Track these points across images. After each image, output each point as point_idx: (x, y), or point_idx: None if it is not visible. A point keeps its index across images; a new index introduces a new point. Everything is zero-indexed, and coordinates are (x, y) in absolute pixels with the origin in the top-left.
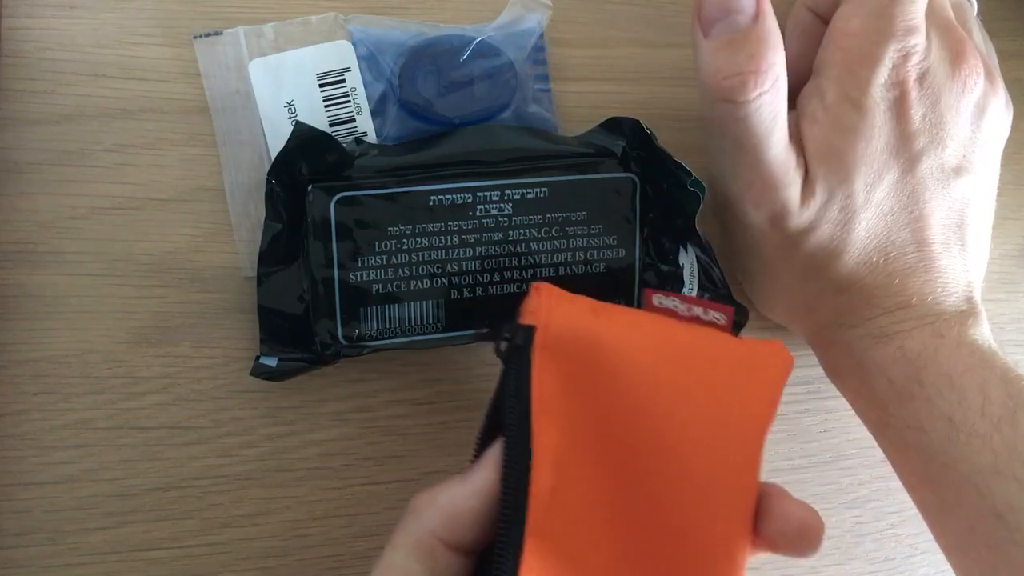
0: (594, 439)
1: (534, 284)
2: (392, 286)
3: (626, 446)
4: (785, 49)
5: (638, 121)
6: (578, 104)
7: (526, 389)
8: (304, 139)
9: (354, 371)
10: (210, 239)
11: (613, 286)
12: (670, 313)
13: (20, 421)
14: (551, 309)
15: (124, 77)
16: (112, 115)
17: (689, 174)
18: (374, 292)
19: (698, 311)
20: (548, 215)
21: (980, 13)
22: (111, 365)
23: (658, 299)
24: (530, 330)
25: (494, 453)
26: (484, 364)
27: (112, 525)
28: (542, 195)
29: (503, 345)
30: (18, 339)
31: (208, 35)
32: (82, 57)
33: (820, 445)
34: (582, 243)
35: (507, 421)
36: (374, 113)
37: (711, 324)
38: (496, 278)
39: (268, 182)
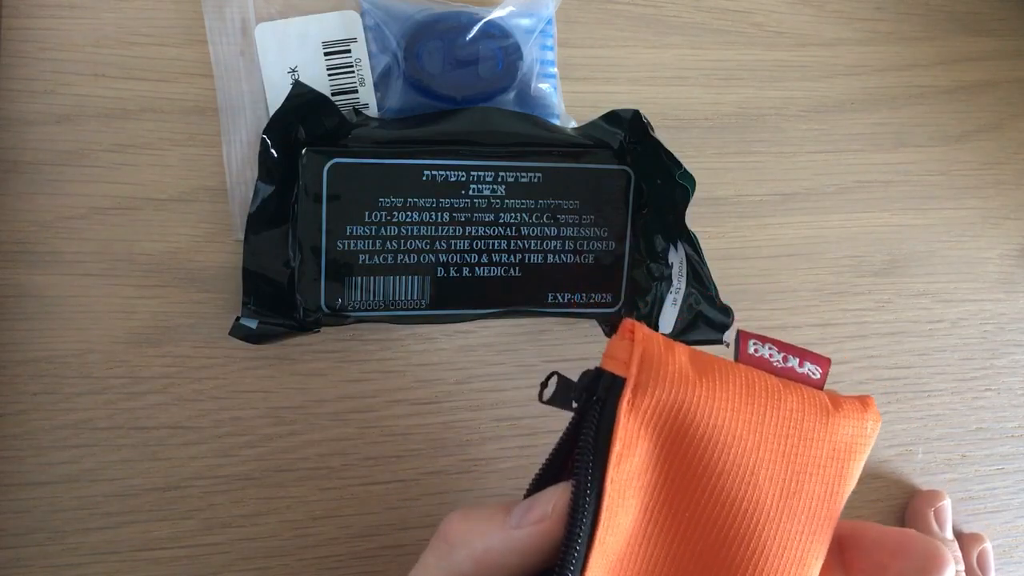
0: (671, 523)
1: (626, 322)
2: (379, 258)
3: (705, 535)
4: None
5: (637, 111)
6: (578, 104)
7: (604, 455)
8: (302, 99)
9: (354, 371)
10: (210, 239)
11: (601, 278)
12: (764, 363)
13: (20, 421)
14: (648, 363)
15: (124, 77)
16: (112, 115)
17: (679, 165)
18: (360, 262)
19: (794, 362)
20: (540, 201)
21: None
22: (111, 365)
23: (754, 346)
24: (618, 383)
25: (551, 515)
26: (485, 365)
27: (112, 525)
28: (536, 180)
29: (576, 396)
30: (18, 339)
31: None
32: (82, 57)
33: None
34: (572, 232)
35: (579, 489)
36: (377, 86)
37: (804, 378)
38: (484, 259)
39: (263, 141)
